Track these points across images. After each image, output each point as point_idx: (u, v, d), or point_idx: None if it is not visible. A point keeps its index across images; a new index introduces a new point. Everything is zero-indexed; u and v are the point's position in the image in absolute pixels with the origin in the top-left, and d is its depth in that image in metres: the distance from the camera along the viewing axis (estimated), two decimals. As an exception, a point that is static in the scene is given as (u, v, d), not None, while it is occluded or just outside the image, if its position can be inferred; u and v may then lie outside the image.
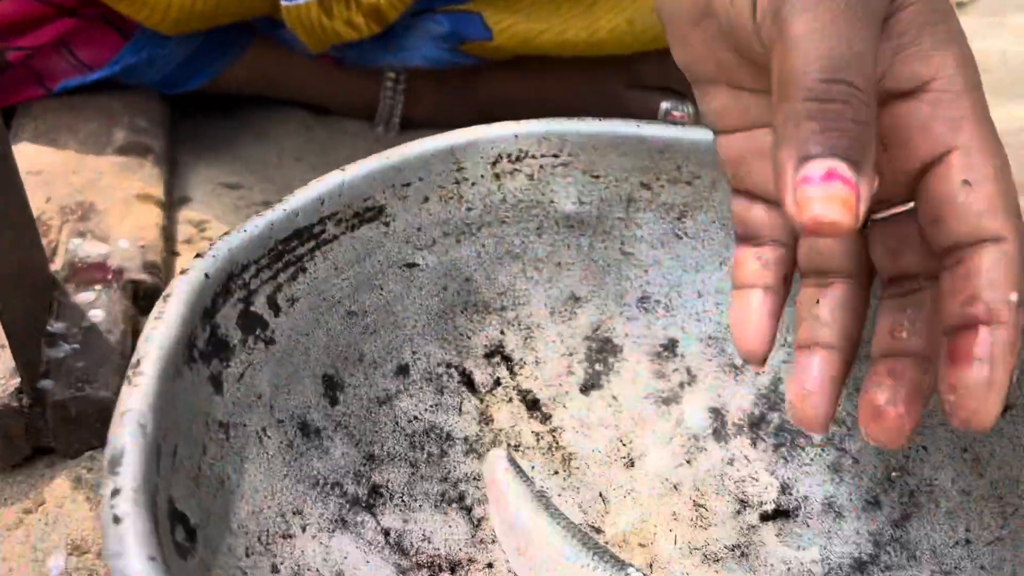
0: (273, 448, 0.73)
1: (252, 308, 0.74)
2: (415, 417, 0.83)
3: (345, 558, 0.73)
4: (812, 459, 0.82)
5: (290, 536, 0.71)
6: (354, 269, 0.81)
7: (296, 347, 0.77)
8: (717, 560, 0.78)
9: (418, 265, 0.85)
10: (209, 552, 0.63)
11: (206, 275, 0.69)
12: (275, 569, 0.69)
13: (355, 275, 0.81)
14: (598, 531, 0.80)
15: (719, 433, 0.85)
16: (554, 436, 0.86)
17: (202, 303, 0.68)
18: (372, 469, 0.79)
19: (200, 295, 0.68)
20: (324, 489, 0.76)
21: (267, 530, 0.70)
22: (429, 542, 0.77)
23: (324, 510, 0.75)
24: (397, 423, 0.82)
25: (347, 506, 0.76)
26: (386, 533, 0.77)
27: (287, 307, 0.76)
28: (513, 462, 0.81)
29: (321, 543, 0.73)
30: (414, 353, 0.85)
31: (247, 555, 0.67)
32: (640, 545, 0.80)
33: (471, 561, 0.77)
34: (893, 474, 0.79)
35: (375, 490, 0.79)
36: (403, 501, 0.79)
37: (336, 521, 0.75)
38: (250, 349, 0.73)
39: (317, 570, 0.71)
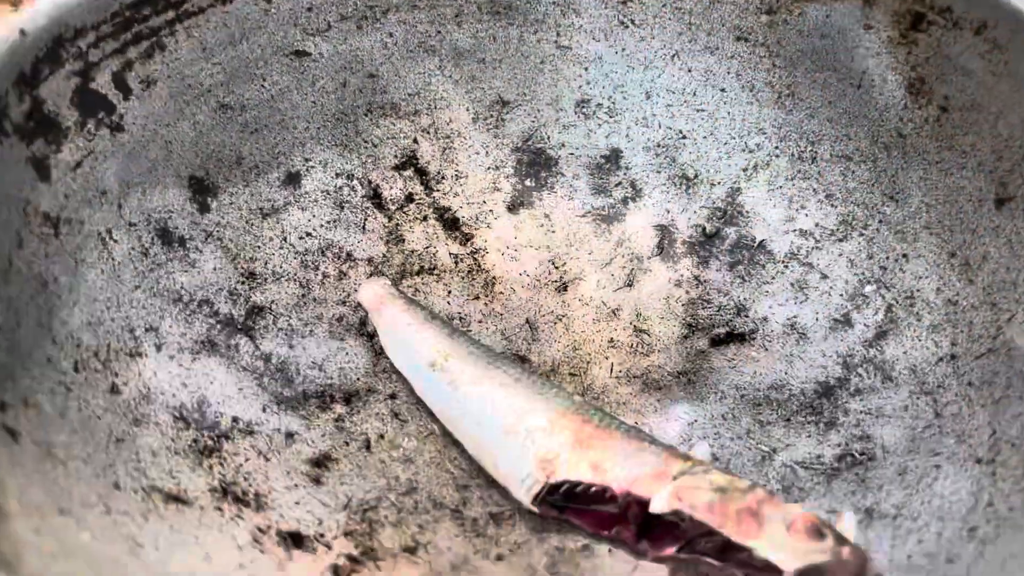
0: (121, 254, 0.61)
1: (93, 85, 0.60)
2: (308, 233, 0.70)
3: (211, 383, 0.61)
4: (773, 277, 0.70)
5: (139, 355, 0.59)
6: (227, 53, 0.67)
7: (154, 139, 0.64)
8: (659, 388, 0.66)
9: (309, 54, 0.71)
10: (15, 359, 0.51)
11: (22, 32, 0.55)
12: (115, 389, 0.57)
13: (229, 60, 0.68)
14: (523, 360, 0.68)
15: (666, 252, 0.73)
16: (476, 259, 0.73)
17: (16, 65, 0.55)
18: (253, 288, 0.67)
19: (12, 55, 0.55)
20: (189, 307, 0.63)
21: (107, 345, 0.58)
22: (320, 370, 0.65)
23: (187, 330, 0.63)
24: (286, 239, 0.69)
25: (218, 327, 0.64)
26: (266, 359, 0.64)
27: (141, 90, 0.63)
28: (396, 289, 0.68)
29: (181, 366, 0.61)
30: (307, 160, 0.72)
31: (76, 370, 0.55)
32: (571, 374, 0.68)
33: (371, 391, 0.65)
34: (867, 288, 0.67)
35: (256, 311, 0.66)
36: (290, 325, 0.67)
37: (203, 343, 0.63)
38: (90, 135, 0.60)
39: (173, 395, 0.59)
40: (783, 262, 0.70)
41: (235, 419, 0.60)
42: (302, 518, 0.56)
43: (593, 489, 0.57)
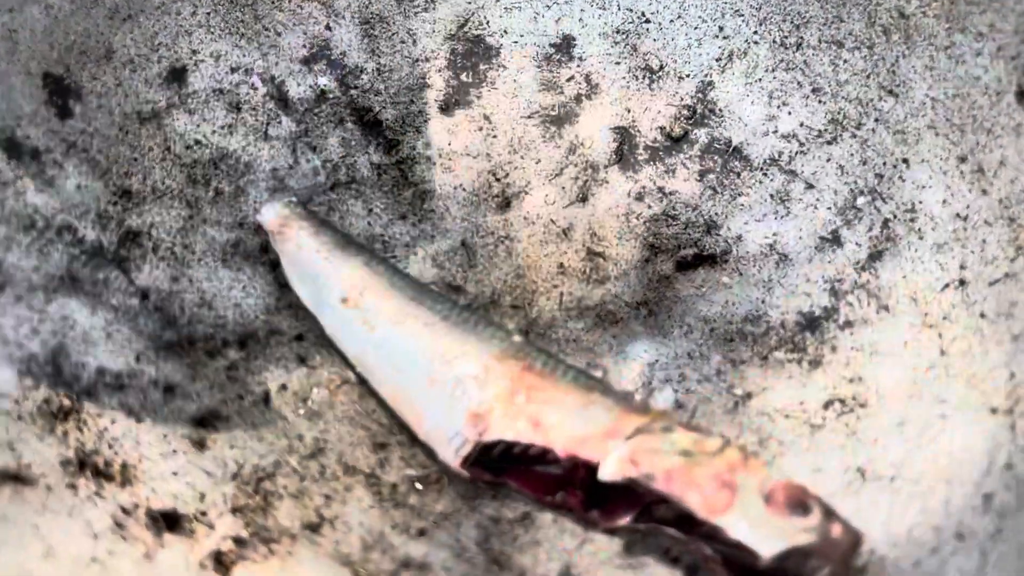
0: (-51, 171, 0.49)
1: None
2: (197, 141, 0.59)
3: (71, 329, 0.50)
4: (750, 187, 0.59)
5: (-25, 296, 0.48)
6: (83, -82, 0.54)
7: (-10, 27, 0.51)
8: (616, 322, 0.56)
9: (190, -79, 0.58)
10: None
11: None
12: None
13: (86, -73, 0.55)
14: (457, 290, 0.58)
15: (626, 160, 0.62)
16: (402, 170, 0.62)
17: None
18: (128, 210, 0.55)
19: None
20: (45, 235, 0.52)
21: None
22: (210, 308, 0.54)
23: (41, 263, 0.51)
24: (169, 149, 0.58)
25: (82, 259, 0.53)
26: (143, 296, 0.53)
27: (-33, -35, 0.50)
28: (304, 208, 0.57)
29: (32, 308, 0.50)
30: (195, 52, 0.60)
31: None
32: (514, 307, 0.58)
33: (272, 333, 0.55)
34: (860, 200, 0.57)
35: (130, 238, 0.55)
36: (173, 254, 0.55)
37: (61, 279, 0.52)
38: (-100, 21, 0.47)
39: (20, 345, 0.48)
40: (761, 170, 0.59)
41: (100, 371, 0.50)
42: (180, 493, 0.47)
43: (532, 450, 0.47)
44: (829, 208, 0.58)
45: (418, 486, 0.50)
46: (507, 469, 0.49)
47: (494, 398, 0.49)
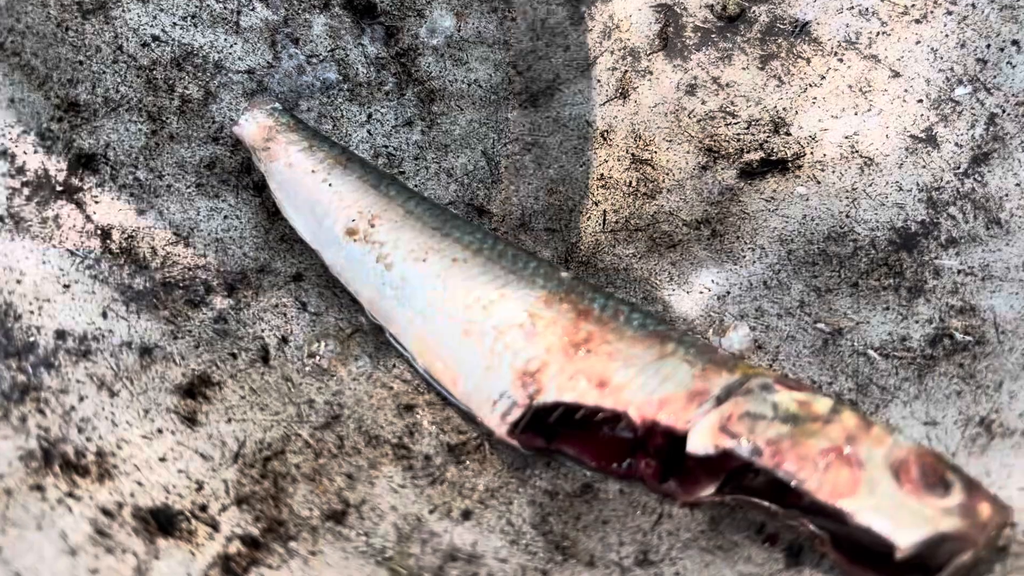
0: None
1: None
2: (155, 37, 0.48)
3: (17, 283, 0.40)
4: (823, 76, 0.50)
5: None
6: None
7: None
8: (673, 245, 0.47)
9: None
10: None
11: None
12: None
13: None
14: (480, 212, 0.48)
15: (672, 45, 0.52)
16: (404, 64, 0.51)
17: None
18: (76, 127, 0.45)
19: None
20: (-27, 164, 0.42)
21: None
22: (187, 245, 0.45)
23: (-28, 201, 0.41)
24: (121, 48, 0.47)
25: (24, 192, 0.42)
26: (104, 235, 0.43)
27: None
28: (291, 116, 0.47)
29: (-35, 259, 0.40)
30: (143, -76, 0.48)
31: None
32: (548, 230, 0.48)
33: (263, 272, 0.45)
34: (959, 91, 0.48)
35: (83, 163, 0.44)
36: (137, 180, 0.45)
37: (0, 220, 0.41)
38: None
39: (-46, 308, 0.39)
40: (836, 54, 0.50)
41: (60, 335, 0.40)
42: (172, 483, 0.38)
43: (601, 416, 0.39)
44: (920, 101, 0.48)
45: (456, 456, 0.42)
46: (562, 434, 0.41)
47: (546, 351, 0.40)
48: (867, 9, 0.50)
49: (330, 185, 0.46)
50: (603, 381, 0.39)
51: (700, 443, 0.37)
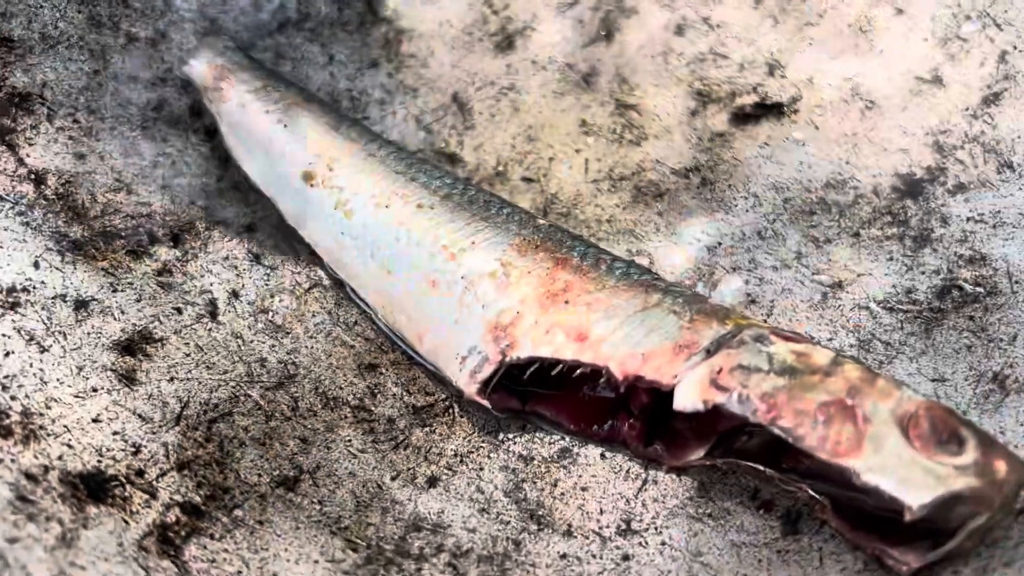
0: None
1: None
2: (98, -31, 0.44)
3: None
4: (821, 13, 0.46)
5: None
6: None
7: None
8: (660, 195, 0.44)
9: None
10: None
11: None
12: None
13: None
14: (452, 160, 0.45)
15: (659, -17, 0.48)
16: (370, 1, 0.48)
17: None
18: (9, 65, 0.41)
19: None
20: None
21: None
22: (129, 192, 0.41)
23: None
24: (59, -21, 0.43)
25: (-51, 132, 0.39)
26: (39, 180, 0.40)
27: None
28: (245, 56, 0.44)
29: None
30: None
31: None
32: (526, 179, 0.45)
33: (215, 224, 0.42)
34: (967, 27, 0.44)
35: (16, 102, 0.41)
36: (76, 122, 0.42)
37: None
38: None
39: None
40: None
41: (-14, 285, 0.37)
42: (105, 446, 0.34)
43: (579, 372, 0.35)
44: (926, 39, 0.45)
45: (422, 418, 0.38)
46: (538, 395, 0.37)
47: (520, 303, 0.37)
48: (868, -58, 0.47)
49: (285, 127, 0.42)
50: (582, 334, 0.36)
51: (688, 399, 0.34)
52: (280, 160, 0.42)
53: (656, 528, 0.35)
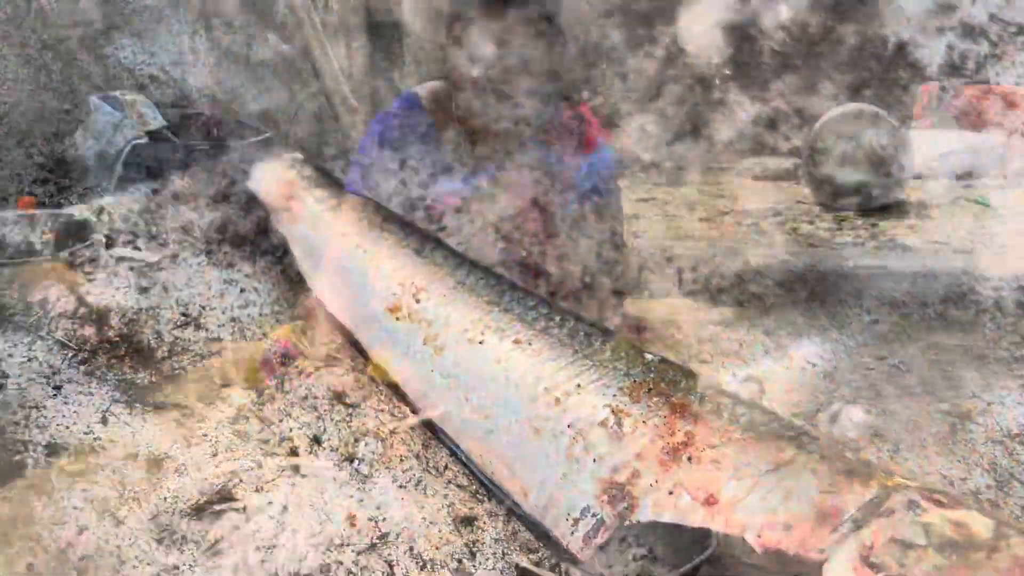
0: None
1: None
2: (153, 77, 0.40)
3: (1, 385, 0.33)
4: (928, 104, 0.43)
5: None
6: None
7: None
8: (765, 310, 0.41)
9: None
10: None
11: None
12: None
13: None
14: (537, 273, 0.42)
15: (746, 72, 0.46)
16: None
17: None
18: (64, 190, 0.37)
19: None
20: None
21: None
22: (197, 327, 0.38)
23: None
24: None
25: (4, 272, 0.35)
26: (100, 319, 0.36)
27: None
28: (315, 167, 0.40)
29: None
30: None
31: None
32: (617, 294, 0.41)
33: (288, 355, 0.38)
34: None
35: (72, 232, 0.37)
36: (136, 249, 0.38)
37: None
38: None
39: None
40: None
41: (51, 449, 0.33)
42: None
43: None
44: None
45: (529, 581, 0.35)
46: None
47: (637, 457, 0.33)
48: (973, 28, 0.43)
49: (364, 252, 0.39)
50: (711, 497, 0.33)
51: (838, 579, 0.31)
52: (360, 288, 0.38)
53: None
